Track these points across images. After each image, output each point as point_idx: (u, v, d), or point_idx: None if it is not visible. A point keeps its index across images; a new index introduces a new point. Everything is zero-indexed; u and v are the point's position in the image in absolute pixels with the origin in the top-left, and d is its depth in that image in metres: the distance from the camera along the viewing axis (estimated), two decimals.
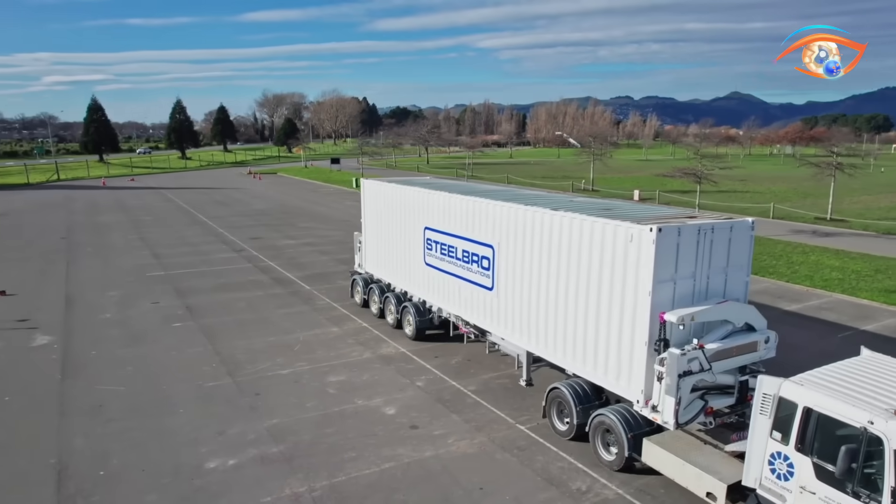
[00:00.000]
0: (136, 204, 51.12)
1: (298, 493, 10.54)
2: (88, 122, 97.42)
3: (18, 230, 38.10)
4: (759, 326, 10.91)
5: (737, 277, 11.18)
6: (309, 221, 40.68)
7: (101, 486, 10.77)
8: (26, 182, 68.83)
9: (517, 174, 69.55)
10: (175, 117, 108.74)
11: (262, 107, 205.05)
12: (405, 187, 18.21)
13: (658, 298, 10.21)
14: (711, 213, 12.25)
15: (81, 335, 18.52)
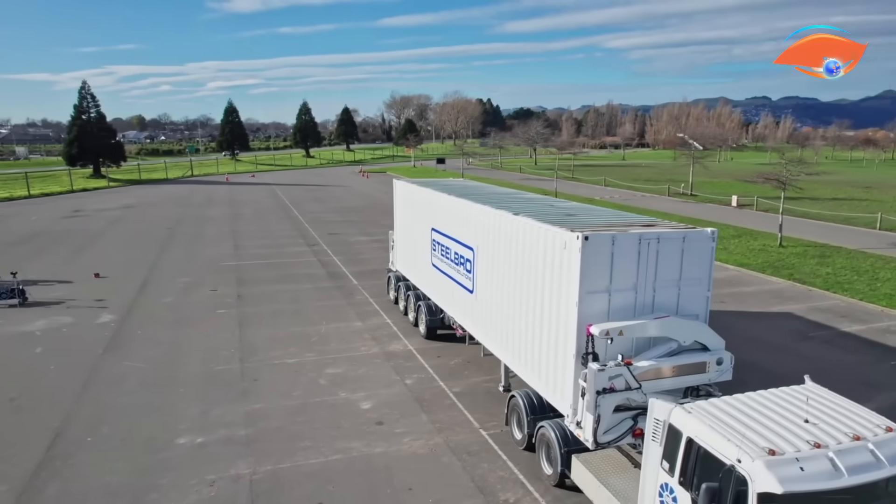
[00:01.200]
0: (244, 198, 54.87)
1: (241, 474, 11.05)
2: (224, 123, 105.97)
3: (137, 221, 42.15)
4: (713, 346, 10.01)
5: (693, 292, 10.30)
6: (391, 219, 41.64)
7: (82, 451, 11.86)
8: (165, 177, 75.92)
9: (617, 177, 67.14)
10: (301, 118, 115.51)
11: (390, 108, 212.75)
12: (420, 188, 18.36)
13: (588, 310, 9.66)
14: (670, 223, 11.34)
15: (137, 316, 20.31)
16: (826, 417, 7.23)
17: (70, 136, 70.18)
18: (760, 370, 15.69)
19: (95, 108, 71.10)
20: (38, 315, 20.37)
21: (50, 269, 26.97)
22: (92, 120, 70.46)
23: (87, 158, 70.27)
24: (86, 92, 70.60)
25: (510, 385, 13.99)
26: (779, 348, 17.32)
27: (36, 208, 48.48)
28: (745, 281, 24.72)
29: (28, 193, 57.23)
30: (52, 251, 31.03)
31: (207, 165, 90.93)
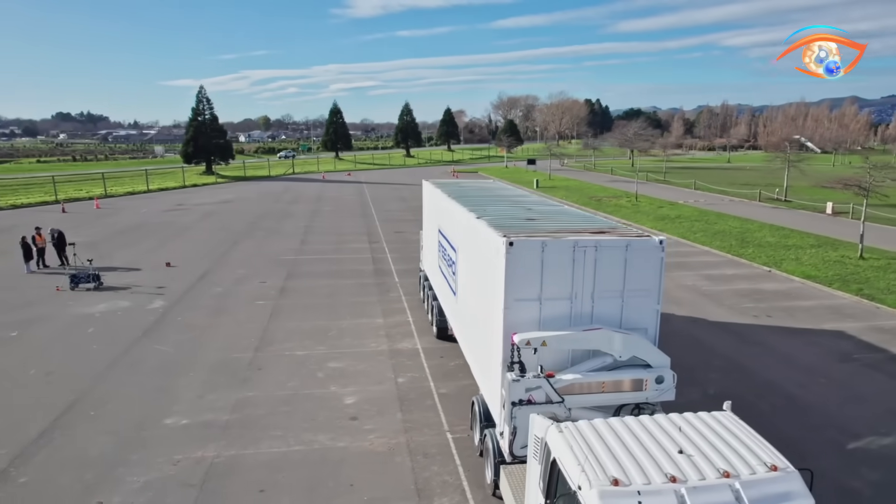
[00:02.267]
0: (330, 196, 56.92)
1: (205, 457, 11.60)
2: (329, 123, 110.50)
3: (227, 215, 44.87)
4: (655, 363, 9.35)
5: (640, 304, 9.64)
6: None
7: (82, 424, 12.91)
8: (268, 174, 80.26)
9: (713, 180, 63.46)
10: (403, 119, 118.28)
11: (497, 109, 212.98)
12: (433, 188, 18.33)
13: (516, 318, 9.32)
14: (628, 230, 10.58)
15: (185, 303, 21.71)
16: (709, 450, 6.56)
17: (187, 136, 75.91)
18: (774, 392, 14.50)
19: (210, 110, 76.41)
20: (104, 299, 22.25)
21: (134, 257, 29.34)
22: (206, 121, 75.74)
23: (200, 157, 75.69)
24: (202, 96, 76.04)
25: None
26: (809, 369, 15.79)
27: (148, 202, 52.80)
28: (805, 294, 22.69)
29: (147, 188, 62.44)
30: (143, 241, 33.73)
31: (309, 164, 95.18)
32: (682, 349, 16.97)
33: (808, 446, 11.97)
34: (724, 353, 17.02)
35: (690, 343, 17.71)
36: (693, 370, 15.66)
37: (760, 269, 26.47)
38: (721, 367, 15.99)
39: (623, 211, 43.00)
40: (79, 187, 62.36)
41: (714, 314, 20.38)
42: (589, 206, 45.82)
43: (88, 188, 61.20)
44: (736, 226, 36.16)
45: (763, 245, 30.65)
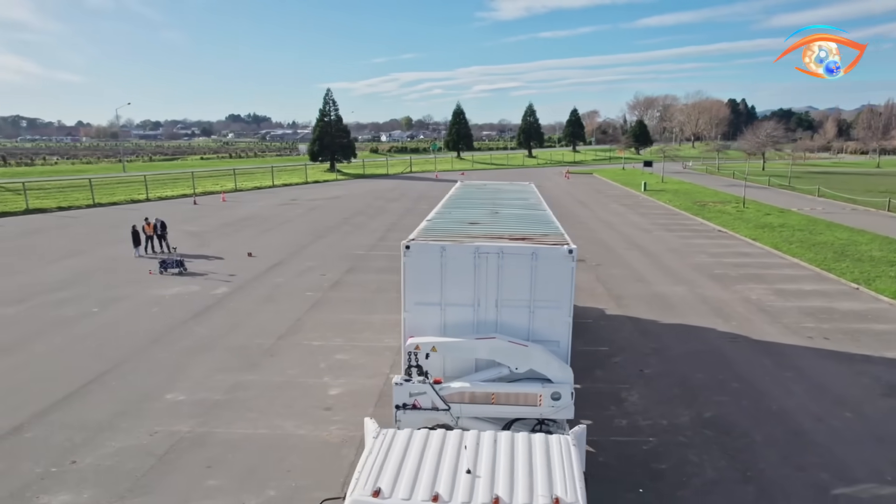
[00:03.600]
0: (434, 195, 57.88)
1: (179, 431, 12.62)
2: (452, 124, 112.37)
3: (329, 210, 47.30)
4: (556, 378, 8.89)
5: (551, 316, 9.21)
6: None
7: (99, 392, 14.48)
8: (385, 173, 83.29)
9: (845, 187, 57.01)
10: (526, 119, 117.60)
11: (633, 109, 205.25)
12: (456, 189, 18.34)
13: (418, 321, 9.30)
14: (552, 238, 9.98)
15: (244, 291, 23.37)
16: (503, 474, 6.24)
17: (314, 135, 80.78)
18: (781, 422, 13.26)
19: (335, 111, 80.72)
20: (181, 283, 24.52)
21: (226, 246, 31.94)
22: (331, 122, 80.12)
23: (325, 155, 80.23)
24: (329, 98, 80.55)
25: None
26: (838, 401, 14.04)
27: (267, 196, 56.92)
28: (884, 317, 20.01)
29: (272, 184, 67.31)
30: (242, 232, 36.55)
31: (424, 163, 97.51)
32: (699, 367, 15.84)
33: (777, 487, 10.75)
34: (746, 375, 15.54)
35: (714, 361, 16.34)
36: (699, 391, 14.56)
37: (847, 286, 23.63)
38: (734, 391, 14.63)
39: (724, 217, 40.04)
40: (216, 182, 68.50)
41: (761, 332, 18.58)
42: (689, 211, 43.19)
43: (224, 183, 67.06)
44: (842, 237, 32.42)
45: (863, 259, 27.27)
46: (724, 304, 21.59)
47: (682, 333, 18.66)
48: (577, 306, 21.09)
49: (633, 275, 25.88)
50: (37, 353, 17.05)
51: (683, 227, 37.77)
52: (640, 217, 42.38)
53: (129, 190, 58.86)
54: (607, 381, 15.20)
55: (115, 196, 55.03)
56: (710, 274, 25.83)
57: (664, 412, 13.51)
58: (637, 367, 16.10)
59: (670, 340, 18.04)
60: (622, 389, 14.70)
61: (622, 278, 25.27)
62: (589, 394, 14.41)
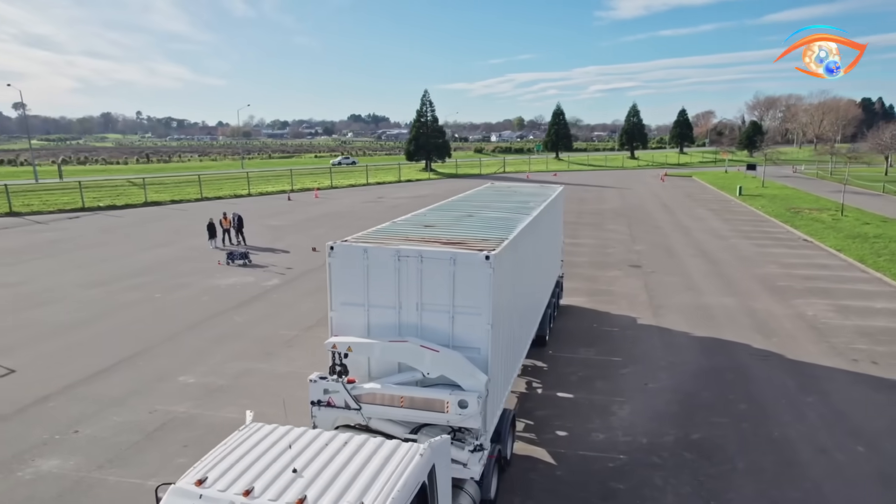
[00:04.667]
0: None
1: (174, 410, 13.51)
2: (551, 124, 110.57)
3: (407, 208, 47.97)
4: (467, 386, 8.66)
5: (471, 322, 8.95)
6: (622, 225, 39.54)
7: (126, 370, 15.76)
8: (478, 173, 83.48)
9: None
10: (629, 120, 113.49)
11: (753, 109, 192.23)
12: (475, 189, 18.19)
13: (344, 321, 9.44)
14: (479, 243, 9.58)
15: (293, 284, 24.46)
16: (327, 477, 6.22)
17: (410, 135, 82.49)
18: (777, 451, 12.21)
19: (431, 112, 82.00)
20: (240, 274, 26.04)
21: (297, 241, 33.50)
22: (428, 122, 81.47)
23: (420, 154, 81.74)
24: (426, 99, 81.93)
25: None
26: (853, 433, 12.62)
27: (358, 193, 58.91)
28: None
29: (366, 182, 69.58)
30: (317, 228, 38.15)
31: (521, 163, 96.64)
32: (710, 385, 14.83)
33: None
34: (760, 396, 14.28)
35: (730, 379, 15.16)
36: (699, 410, 13.62)
37: None
38: (738, 412, 13.50)
39: (815, 225, 36.69)
40: (315, 179, 71.80)
41: (800, 351, 16.97)
42: (779, 218, 40.05)
43: (321, 180, 70.15)
44: None
45: None
46: (772, 318, 19.89)
47: (710, 348, 17.42)
48: (610, 314, 20.36)
49: (685, 284, 24.42)
50: (94, 331, 18.78)
51: (765, 235, 35.05)
52: (721, 223, 39.79)
53: (235, 185, 63.03)
54: (605, 392, 14.52)
55: (221, 191, 59.16)
56: (772, 286, 23.85)
57: (649, 430, 12.72)
58: (643, 380, 15.25)
59: (692, 355, 16.91)
60: (616, 402, 13.99)
61: (672, 287, 23.92)
62: (579, 405, 13.88)
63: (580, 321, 19.79)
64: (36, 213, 44.88)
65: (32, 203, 48.43)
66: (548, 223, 16.10)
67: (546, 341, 17.35)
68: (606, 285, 24.23)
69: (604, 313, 20.69)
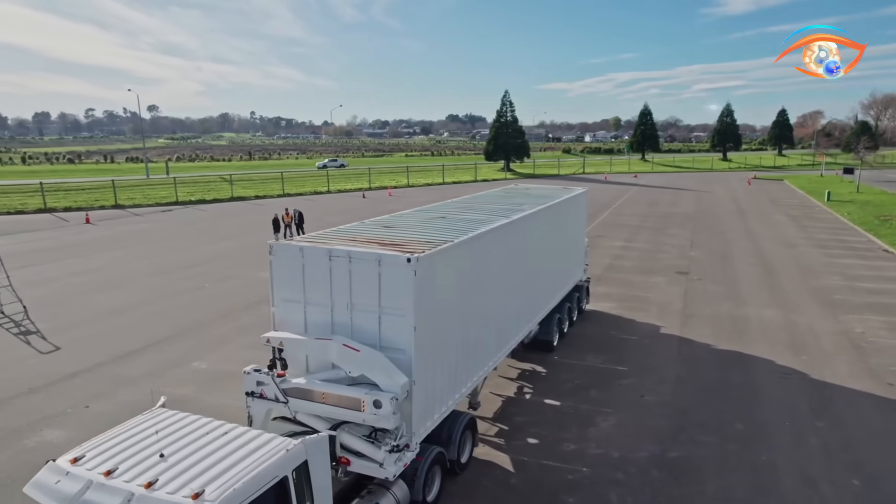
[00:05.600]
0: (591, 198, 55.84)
1: (176, 393, 14.23)
2: (638, 124, 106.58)
3: None
4: (384, 386, 8.59)
5: (397, 323, 8.87)
6: (685, 229, 37.62)
7: (152, 353, 16.82)
8: (556, 173, 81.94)
9: None
10: (722, 120, 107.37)
11: (868, 108, 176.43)
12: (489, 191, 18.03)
13: (284, 317, 9.68)
14: (407, 246, 9.32)
15: None
16: (188, 463, 6.40)
17: (490, 136, 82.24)
18: (756, 482, 11.20)
19: (511, 112, 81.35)
20: None
21: None
22: (507, 122, 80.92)
23: (499, 155, 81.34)
24: (506, 100, 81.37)
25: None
26: (857, 464, 11.45)
27: (431, 193, 59.45)
28: None
29: (442, 181, 70.12)
30: None
31: (603, 164, 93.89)
32: (712, 401, 14.00)
33: None
34: (763, 417, 13.20)
35: (736, 397, 14.11)
36: (689, 427, 12.84)
37: None
38: (731, 433, 12.55)
39: None
40: (394, 178, 73.19)
41: (829, 371, 15.52)
42: (864, 226, 36.74)
43: (400, 178, 71.41)
44: None
45: None
46: (811, 334, 18.30)
47: (728, 362, 16.28)
48: (634, 322, 19.52)
49: (729, 293, 22.91)
50: (140, 316, 20.17)
51: (840, 244, 32.18)
52: (797, 230, 36.93)
53: (317, 183, 65.40)
54: (595, 402, 13.92)
55: (303, 188, 61.59)
56: (825, 299, 21.91)
57: (625, 444, 12.08)
58: (641, 391, 14.49)
59: (706, 368, 15.87)
60: (603, 413, 13.38)
61: (713, 296, 22.52)
62: (562, 413, 13.41)
63: (600, 327, 19.06)
64: (136, 206, 48.66)
65: (135, 197, 52.52)
66: (550, 225, 15.60)
67: (553, 347, 16.87)
68: (643, 292, 23.17)
69: (628, 320, 19.81)
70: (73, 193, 53.44)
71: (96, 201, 48.99)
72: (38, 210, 45.13)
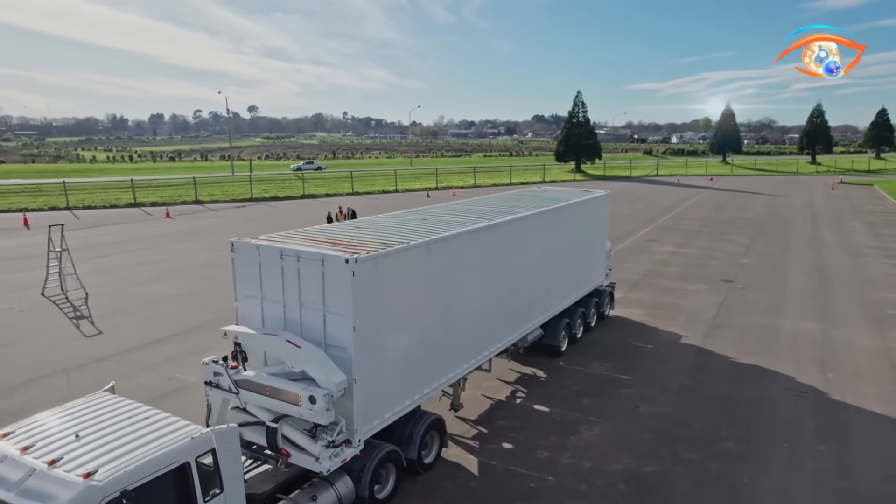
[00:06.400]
0: (652, 199, 53.83)
1: (186, 380, 15.02)
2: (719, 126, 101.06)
3: None
4: (321, 382, 8.69)
5: (340, 322, 8.93)
6: (745, 235, 35.52)
7: (178, 342, 17.74)
8: (627, 175, 79.33)
9: None
10: (812, 121, 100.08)
11: None
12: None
13: (245, 312, 10.02)
14: (378, 247, 9.30)
15: None
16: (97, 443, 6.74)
17: (560, 136, 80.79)
18: (730, 499, 10.62)
19: (583, 113, 79.58)
20: None
21: None
22: (579, 123, 79.25)
23: (570, 156, 79.78)
24: (578, 100, 79.73)
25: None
26: (851, 493, 10.47)
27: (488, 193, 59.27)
28: None
29: (509, 181, 69.65)
30: None
31: (677, 167, 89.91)
32: (709, 416, 13.53)
33: None
34: (760, 437, 12.33)
35: (737, 413, 13.28)
36: (675, 441, 12.28)
37: None
38: (717, 451, 11.80)
39: None
40: (462, 178, 73.40)
41: (852, 392, 14.27)
42: None
43: (467, 179, 71.52)
44: None
45: None
46: (846, 350, 16.89)
47: (742, 376, 15.29)
48: (657, 330, 18.77)
49: (770, 303, 21.48)
50: (182, 305, 21.36)
51: None
52: (870, 238, 34.04)
53: (386, 182, 66.61)
54: (586, 410, 13.46)
55: (372, 187, 62.96)
56: (876, 314, 20.13)
57: (602, 455, 11.62)
58: (638, 402, 13.88)
59: (715, 381, 14.98)
60: (589, 422, 12.93)
61: (751, 306, 21.20)
62: (548, 420, 13.07)
63: (618, 334, 18.39)
64: (214, 201, 51.41)
65: (215, 193, 55.49)
66: (550, 229, 15.19)
67: (561, 352, 16.46)
68: (678, 299, 22.12)
69: (650, 328, 19.00)
70: (160, 189, 57.15)
71: (179, 197, 52.14)
72: (128, 205, 48.60)
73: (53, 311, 20.52)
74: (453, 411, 12.87)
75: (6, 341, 17.65)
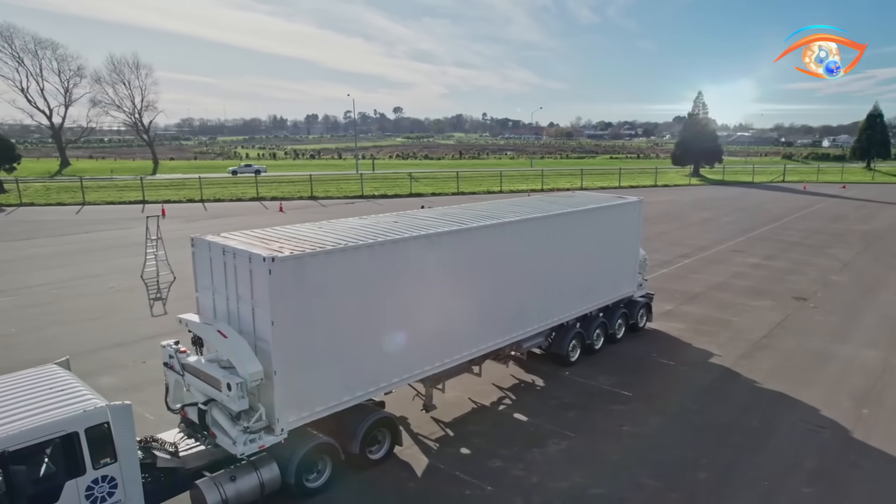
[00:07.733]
0: (767, 208, 48.97)
1: None
2: (863, 128, 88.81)
3: None
4: (241, 371, 9.06)
5: (263, 316, 9.27)
6: (850, 250, 31.35)
7: None
8: (750, 181, 72.65)
9: None
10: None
11: None
12: None
13: (202, 303, 10.67)
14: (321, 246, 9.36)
15: None
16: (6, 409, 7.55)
17: (678, 139, 75.92)
18: None
19: (704, 114, 74.19)
20: None
21: None
22: (700, 125, 74.02)
23: (687, 159, 74.78)
24: (699, 101, 74.56)
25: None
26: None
27: None
28: None
29: (618, 184, 66.82)
30: None
31: (811, 172, 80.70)
32: (701, 443, 12.45)
33: None
34: (741, 471, 11.01)
35: (732, 444, 11.95)
36: (642, 466, 11.37)
37: None
38: (684, 482, 10.71)
39: None
40: (570, 180, 71.50)
41: (882, 433, 12.25)
42: None
43: (574, 181, 69.54)
44: None
45: None
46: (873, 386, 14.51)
47: (759, 403, 13.68)
48: (690, 347, 17.63)
49: (839, 326, 18.92)
50: None
51: None
52: None
53: (492, 183, 66.56)
54: (564, 424, 12.73)
55: (479, 187, 63.28)
56: None
57: (556, 472, 10.99)
58: (627, 421, 12.90)
59: (724, 406, 13.54)
60: (561, 437, 12.23)
61: (815, 327, 18.81)
62: (520, 430, 12.60)
63: (644, 348, 17.17)
64: (327, 197, 54.43)
65: (329, 190, 58.74)
66: (553, 236, 14.51)
67: (570, 362, 15.72)
68: (732, 315, 20.14)
69: (684, 344, 17.53)
70: (283, 185, 61.51)
71: (297, 192, 55.82)
72: (252, 199, 52.89)
73: (141, 293, 22.94)
74: (425, 411, 12.80)
75: (93, 316, 20.06)
